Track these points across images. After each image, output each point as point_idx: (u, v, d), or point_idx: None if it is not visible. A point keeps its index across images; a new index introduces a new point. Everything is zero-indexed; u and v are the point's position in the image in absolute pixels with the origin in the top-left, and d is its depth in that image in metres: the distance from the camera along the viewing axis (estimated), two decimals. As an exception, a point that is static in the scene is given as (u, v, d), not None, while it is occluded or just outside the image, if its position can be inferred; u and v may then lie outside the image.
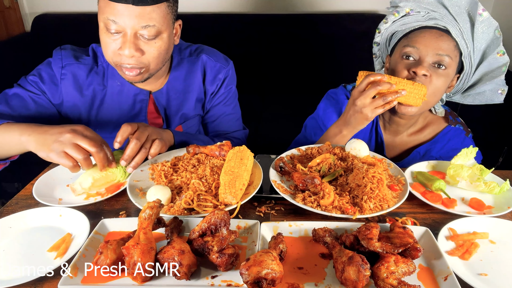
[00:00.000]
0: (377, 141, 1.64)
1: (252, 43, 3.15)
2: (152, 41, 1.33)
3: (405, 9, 1.47)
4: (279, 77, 3.24)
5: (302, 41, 3.12)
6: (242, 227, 1.03)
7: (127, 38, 1.29)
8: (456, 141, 1.56)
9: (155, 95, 1.60)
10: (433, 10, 1.42)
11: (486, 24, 1.37)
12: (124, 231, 1.02)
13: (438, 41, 1.37)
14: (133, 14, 1.25)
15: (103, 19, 1.29)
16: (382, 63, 1.70)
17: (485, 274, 0.92)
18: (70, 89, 1.52)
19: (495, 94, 1.49)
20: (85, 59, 1.54)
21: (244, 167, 1.20)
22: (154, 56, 1.36)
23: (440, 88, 1.40)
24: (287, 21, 3.11)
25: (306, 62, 3.16)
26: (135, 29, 1.28)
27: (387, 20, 1.54)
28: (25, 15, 3.32)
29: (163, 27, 1.33)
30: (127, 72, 1.37)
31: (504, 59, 1.42)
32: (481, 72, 1.47)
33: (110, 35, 1.31)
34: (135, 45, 1.30)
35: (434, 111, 1.61)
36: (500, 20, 1.44)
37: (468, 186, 1.26)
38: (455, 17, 1.39)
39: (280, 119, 2.91)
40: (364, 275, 0.81)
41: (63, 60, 1.51)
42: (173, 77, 1.62)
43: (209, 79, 1.68)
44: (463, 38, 1.39)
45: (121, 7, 1.25)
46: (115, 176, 1.26)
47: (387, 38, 1.60)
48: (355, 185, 1.17)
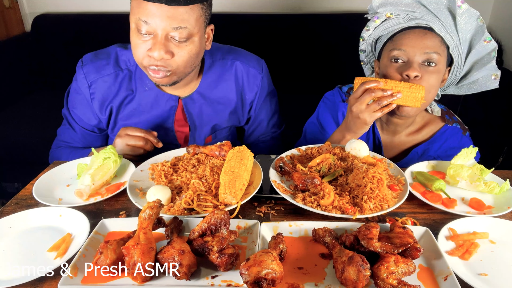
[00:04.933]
0: (374, 142, 1.64)
1: (253, 43, 3.14)
2: (183, 43, 1.30)
3: (385, 14, 1.48)
4: (280, 77, 3.24)
5: (304, 41, 3.11)
6: (242, 227, 1.03)
7: (157, 40, 1.26)
8: (454, 140, 1.57)
9: (185, 102, 1.56)
10: (412, 11, 1.43)
11: (467, 14, 1.38)
12: (124, 231, 1.01)
13: (423, 40, 1.38)
14: (165, 15, 1.22)
15: (135, 20, 1.27)
16: (372, 68, 1.71)
17: (485, 274, 0.92)
18: (101, 106, 1.54)
19: (489, 80, 1.50)
20: (105, 69, 1.52)
21: (244, 167, 1.20)
22: (183, 60, 1.33)
23: (434, 85, 1.41)
24: (287, 21, 3.12)
25: (310, 62, 3.16)
26: (166, 31, 1.25)
27: (369, 27, 1.55)
28: (25, 15, 3.32)
29: (195, 30, 1.30)
30: (153, 74, 1.34)
31: (491, 45, 1.42)
32: (471, 61, 1.48)
33: (141, 36, 1.28)
34: (165, 47, 1.27)
35: (430, 111, 1.62)
36: (499, 22, 1.45)
37: (468, 186, 1.26)
38: (435, 14, 1.40)
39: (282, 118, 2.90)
40: (364, 275, 0.81)
41: (87, 78, 1.51)
42: (205, 82, 1.57)
43: (246, 87, 1.64)
44: (447, 32, 1.40)
45: (153, 7, 1.22)
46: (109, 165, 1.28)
47: (372, 44, 1.61)
48: (355, 185, 1.17)
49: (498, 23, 2.96)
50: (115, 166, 1.29)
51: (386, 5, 1.47)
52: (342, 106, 1.66)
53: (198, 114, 1.60)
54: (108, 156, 1.28)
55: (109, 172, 1.27)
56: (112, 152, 1.29)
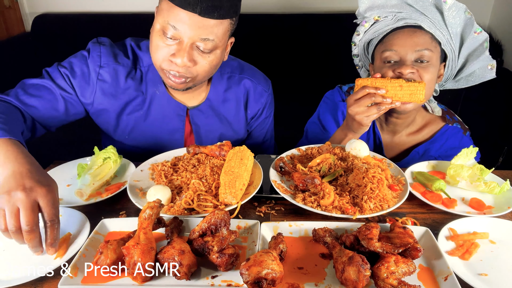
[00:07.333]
0: (375, 141, 1.65)
1: (253, 43, 3.15)
2: (206, 54, 1.28)
3: (373, 18, 1.48)
4: (280, 77, 3.23)
5: (304, 41, 3.11)
6: (242, 227, 1.03)
7: (182, 47, 1.24)
8: (454, 140, 1.57)
9: (191, 113, 1.54)
10: (399, 11, 1.43)
11: (455, 9, 1.38)
12: (124, 231, 1.02)
13: (412, 38, 1.39)
14: (196, 25, 1.21)
15: (162, 22, 1.24)
16: (367, 72, 1.72)
17: (485, 274, 0.92)
18: (105, 92, 1.43)
19: (486, 70, 1.50)
20: (124, 59, 1.44)
21: (244, 167, 1.20)
22: (204, 69, 1.32)
23: (430, 80, 1.41)
24: (287, 21, 3.12)
25: (310, 62, 3.16)
26: (193, 39, 1.23)
27: (358, 32, 1.56)
28: (25, 15, 3.33)
29: (220, 43, 1.29)
30: (173, 78, 1.31)
31: (482, 36, 1.42)
32: (465, 54, 1.49)
33: (165, 39, 1.25)
34: (189, 55, 1.25)
35: (431, 111, 1.62)
36: (499, 22, 1.44)
37: (468, 186, 1.26)
38: (422, 12, 1.40)
39: (282, 118, 2.90)
40: (364, 275, 0.81)
41: (102, 58, 1.41)
42: (213, 94, 1.55)
43: (251, 102, 1.63)
44: (437, 28, 1.41)
45: (185, 15, 1.19)
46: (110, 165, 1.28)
47: (364, 47, 1.61)
48: (355, 185, 1.17)
49: (498, 23, 2.96)
50: (115, 166, 1.30)
51: (373, 8, 1.47)
52: (342, 105, 1.66)
53: (204, 126, 1.58)
54: (108, 156, 1.29)
55: (109, 172, 1.28)
56: (112, 152, 1.29)
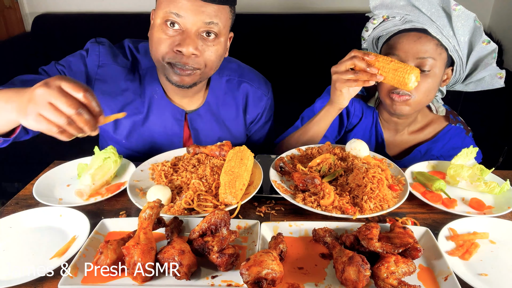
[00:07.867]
0: (377, 139, 1.65)
1: (253, 43, 3.15)
2: (211, 42, 1.28)
3: (381, 16, 1.48)
4: (280, 77, 3.24)
5: (304, 41, 3.11)
6: (242, 227, 1.03)
7: (187, 35, 1.23)
8: (457, 140, 1.57)
9: (190, 117, 1.53)
10: (407, 13, 1.42)
11: (463, 17, 1.36)
12: (124, 231, 1.02)
13: (416, 45, 1.37)
14: (198, 9, 1.21)
15: (164, 13, 1.23)
16: None
17: (485, 274, 0.92)
18: (103, 92, 1.39)
19: (494, 79, 1.50)
20: (123, 60, 1.43)
21: (244, 167, 1.20)
22: (211, 59, 1.30)
23: (430, 88, 1.40)
24: (287, 21, 3.11)
25: (309, 62, 3.15)
26: (197, 26, 1.23)
27: (367, 28, 1.56)
28: (25, 15, 3.32)
29: (223, 30, 1.29)
30: (179, 72, 1.28)
31: (491, 46, 1.41)
32: (473, 61, 1.48)
33: (168, 31, 1.24)
34: (194, 43, 1.24)
35: (435, 110, 1.62)
36: (499, 22, 1.44)
37: (468, 186, 1.26)
38: (429, 16, 1.39)
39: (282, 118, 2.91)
40: (364, 275, 0.81)
41: (100, 57, 1.38)
42: (211, 98, 1.54)
43: (251, 106, 1.62)
44: (443, 34, 1.39)
45: (187, 1, 1.21)
46: (110, 165, 1.27)
47: (373, 43, 1.61)
48: (355, 185, 1.17)
49: (498, 23, 2.96)
50: (115, 166, 1.29)
51: (382, 7, 1.47)
52: None
53: (203, 130, 1.58)
54: (108, 156, 1.29)
55: (109, 172, 1.28)
56: (112, 152, 1.29)
